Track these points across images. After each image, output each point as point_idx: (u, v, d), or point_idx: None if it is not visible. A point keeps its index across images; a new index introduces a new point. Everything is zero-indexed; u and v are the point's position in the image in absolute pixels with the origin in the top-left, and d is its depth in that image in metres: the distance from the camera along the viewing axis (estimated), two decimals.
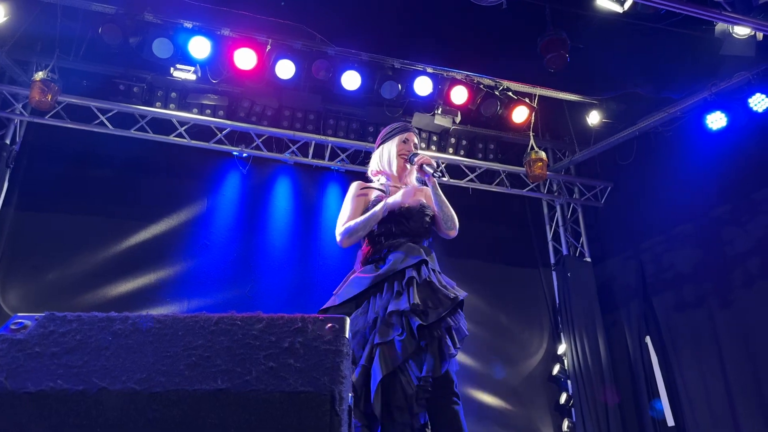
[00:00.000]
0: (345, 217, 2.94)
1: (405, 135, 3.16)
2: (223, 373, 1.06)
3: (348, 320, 1.15)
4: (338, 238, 2.92)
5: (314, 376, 1.04)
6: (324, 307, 2.78)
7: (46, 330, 1.15)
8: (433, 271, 2.77)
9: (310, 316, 1.20)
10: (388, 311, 2.53)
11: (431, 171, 2.91)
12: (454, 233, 2.99)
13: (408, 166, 3.11)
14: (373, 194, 3.01)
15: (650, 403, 6.67)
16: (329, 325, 1.14)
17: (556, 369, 7.27)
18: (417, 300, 2.53)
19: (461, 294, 2.69)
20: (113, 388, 1.03)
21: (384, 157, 3.15)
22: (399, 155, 3.11)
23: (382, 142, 3.21)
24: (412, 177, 3.17)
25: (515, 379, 7.12)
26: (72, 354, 1.11)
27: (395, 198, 2.87)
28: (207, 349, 1.11)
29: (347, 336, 1.13)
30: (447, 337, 2.56)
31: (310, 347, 1.10)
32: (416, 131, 3.29)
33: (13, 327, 1.16)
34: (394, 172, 3.12)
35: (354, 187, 3.08)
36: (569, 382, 7.14)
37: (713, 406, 5.98)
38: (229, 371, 1.06)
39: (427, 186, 3.04)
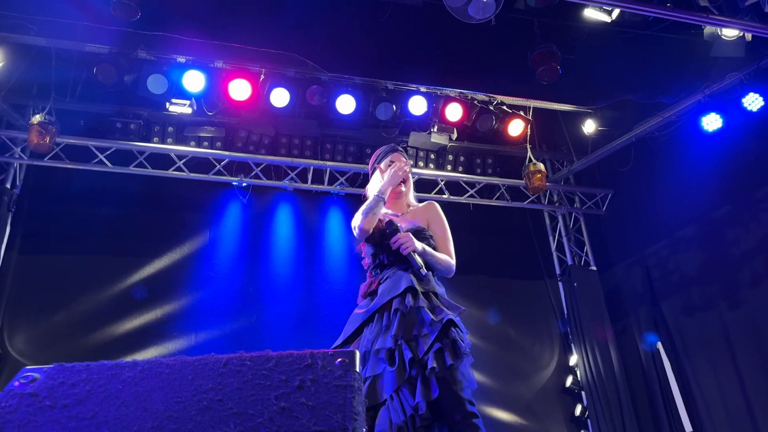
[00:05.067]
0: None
1: (389, 158, 3.20)
2: (235, 416, 1.05)
3: (359, 354, 1.14)
4: (355, 233, 2.98)
5: (326, 414, 1.03)
6: (333, 346, 2.77)
7: (55, 382, 1.14)
8: (425, 294, 2.70)
9: (320, 352, 1.19)
10: (375, 348, 2.57)
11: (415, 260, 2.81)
12: (450, 275, 2.99)
13: (402, 189, 3.17)
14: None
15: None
16: (339, 359, 1.14)
17: (569, 381, 7.21)
18: (397, 332, 2.54)
19: (449, 315, 2.62)
20: None
21: (376, 186, 3.12)
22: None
23: (372, 171, 3.27)
24: (410, 196, 3.24)
25: (529, 393, 7.06)
26: (83, 404, 1.10)
27: (384, 184, 2.98)
28: (217, 392, 1.10)
29: (358, 370, 1.13)
30: (433, 359, 2.49)
31: (321, 384, 1.09)
32: (401, 150, 3.32)
33: (22, 381, 1.15)
34: (386, 199, 3.09)
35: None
36: (583, 393, 7.08)
37: (730, 408, 5.92)
38: (241, 413, 1.05)
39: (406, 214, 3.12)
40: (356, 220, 2.94)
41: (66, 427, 1.05)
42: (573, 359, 7.30)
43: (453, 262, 2.99)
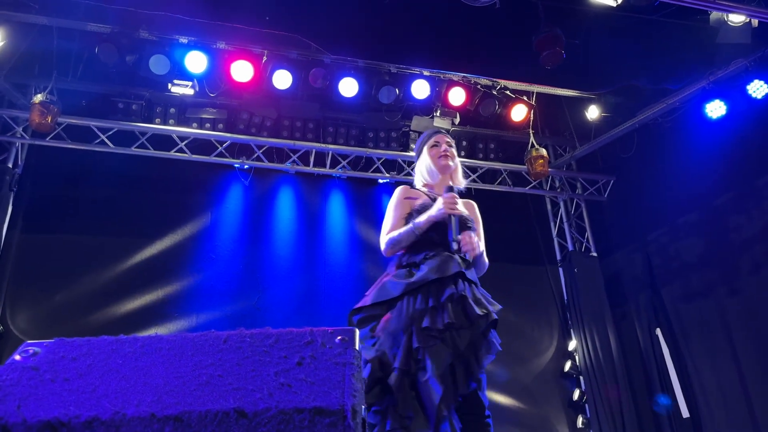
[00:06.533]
0: (388, 226, 2.92)
1: (432, 140, 3.16)
2: (235, 391, 1.05)
3: (358, 332, 1.15)
4: (382, 247, 2.92)
5: (325, 390, 1.03)
6: (357, 306, 2.77)
7: (56, 356, 1.15)
8: (470, 283, 2.78)
9: (320, 329, 1.20)
10: (423, 325, 2.54)
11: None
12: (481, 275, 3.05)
13: (450, 164, 3.11)
14: (420, 200, 2.98)
15: (655, 398, 6.66)
16: (339, 337, 1.14)
17: (567, 366, 7.25)
18: (452, 319, 2.56)
19: (494, 310, 2.71)
20: (125, 412, 1.03)
21: (423, 170, 3.14)
22: (434, 160, 3.09)
23: (418, 156, 3.22)
24: (458, 175, 3.18)
25: (527, 377, 7.09)
26: (83, 378, 1.11)
27: (438, 207, 2.80)
28: (217, 368, 1.11)
29: (357, 348, 1.13)
30: (474, 357, 2.65)
31: (321, 361, 1.10)
32: (443, 131, 3.30)
33: (23, 354, 1.16)
34: (437, 180, 3.11)
35: (398, 192, 3.04)
36: (581, 378, 7.12)
37: (727, 395, 5.95)
38: (241, 389, 1.06)
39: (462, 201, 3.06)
40: (387, 241, 2.88)
41: (67, 401, 1.06)
42: (572, 344, 7.33)
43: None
